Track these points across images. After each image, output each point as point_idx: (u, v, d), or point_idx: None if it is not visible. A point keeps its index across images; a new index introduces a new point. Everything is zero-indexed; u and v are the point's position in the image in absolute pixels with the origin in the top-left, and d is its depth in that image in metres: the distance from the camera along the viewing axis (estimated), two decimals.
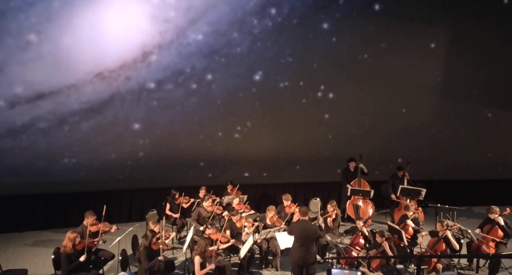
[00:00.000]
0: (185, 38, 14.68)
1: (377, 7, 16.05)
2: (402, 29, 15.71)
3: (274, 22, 15.17)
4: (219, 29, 14.83)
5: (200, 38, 14.73)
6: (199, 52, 14.71)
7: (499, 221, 7.26)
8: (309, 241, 6.21)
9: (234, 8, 15.17)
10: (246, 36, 15.15)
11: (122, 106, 14.01)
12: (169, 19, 14.35)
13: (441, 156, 13.15)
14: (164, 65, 14.46)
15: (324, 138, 13.87)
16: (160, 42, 14.33)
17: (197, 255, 6.33)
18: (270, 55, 15.08)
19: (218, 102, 15.06)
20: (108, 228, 7.22)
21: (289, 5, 15.85)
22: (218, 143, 14.12)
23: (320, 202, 9.86)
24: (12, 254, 7.62)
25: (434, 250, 6.77)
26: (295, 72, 15.35)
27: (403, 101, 13.84)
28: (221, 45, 14.89)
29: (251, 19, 15.06)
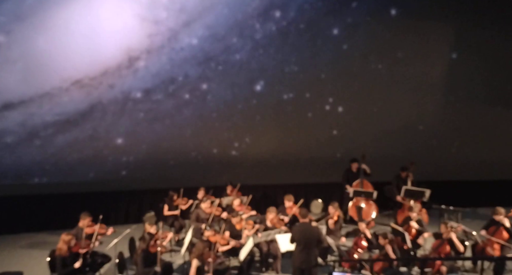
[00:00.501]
0: (177, 42, 13.35)
1: (393, 12, 14.80)
2: (421, 37, 14.53)
3: (278, 27, 14.02)
4: (217, 33, 13.59)
5: (195, 42, 13.49)
6: (193, 58, 13.50)
7: (505, 222, 7.11)
8: (311, 244, 6.11)
9: (233, 10, 13.93)
10: (247, 42, 13.95)
11: (103, 118, 12.63)
12: (160, 20, 13.06)
13: (445, 157, 12.70)
14: (153, 72, 13.15)
15: (325, 138, 13.34)
16: (149, 46, 13.02)
17: (194, 258, 6.18)
18: (273, 63, 13.99)
19: (214, 115, 13.83)
20: (104, 230, 7.14)
21: (296, 8, 14.57)
22: (212, 161, 13.04)
23: (322, 203, 9.55)
24: (7, 256, 7.65)
25: (438, 252, 6.64)
26: (301, 83, 14.22)
27: (407, 101, 13.33)
28: (219, 51, 13.69)
29: (253, 23, 13.89)
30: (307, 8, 14.12)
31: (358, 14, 14.42)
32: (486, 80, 13.03)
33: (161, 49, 13.04)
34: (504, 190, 11.87)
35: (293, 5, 14.11)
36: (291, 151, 13.27)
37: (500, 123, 12.89)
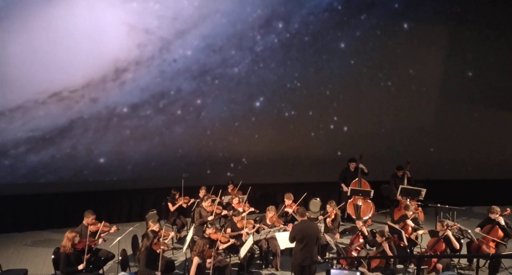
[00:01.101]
0: (170, 53, 12.24)
1: (406, 26, 13.96)
2: (436, 53, 13.78)
3: (280, 39, 13.10)
4: (213, 44, 12.62)
5: (189, 54, 12.41)
6: (187, 71, 12.41)
7: (500, 221, 7.13)
8: (311, 241, 6.09)
9: (232, 19, 12.90)
10: (246, 54, 12.98)
11: (84, 135, 11.44)
12: (151, 29, 11.97)
13: (441, 156, 12.34)
14: (141, 85, 12.01)
15: (324, 138, 12.75)
16: (138, 57, 11.88)
17: (195, 255, 6.21)
18: (274, 78, 13.09)
19: (208, 132, 12.80)
20: (107, 228, 7.06)
21: (300, 19, 13.64)
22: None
23: (320, 202, 9.74)
24: (12, 254, 7.66)
25: (434, 250, 6.70)
26: (304, 100, 13.32)
27: (404, 101, 12.89)
28: (215, 63, 12.65)
29: (253, 34, 12.91)
30: (312, 19, 13.29)
31: (367, 27, 13.61)
32: (481, 82, 12.68)
33: (151, 60, 11.92)
34: (499, 189, 11.57)
35: (297, 16, 13.22)
36: (291, 151, 12.73)
37: (496, 123, 12.46)
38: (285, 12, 12.89)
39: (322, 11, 13.32)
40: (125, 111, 11.79)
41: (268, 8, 12.65)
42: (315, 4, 13.47)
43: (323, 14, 13.18)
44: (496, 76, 12.53)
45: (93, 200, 9.28)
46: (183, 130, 12.39)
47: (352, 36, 13.36)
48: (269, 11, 12.73)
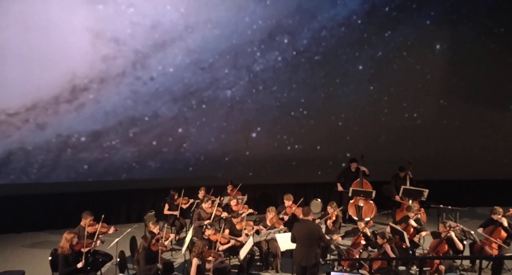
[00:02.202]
0: (146, 69, 10.03)
1: (438, 47, 12.07)
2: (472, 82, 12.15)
3: (285, 57, 11.18)
4: (202, 61, 10.55)
5: (171, 71, 10.25)
6: (167, 92, 10.28)
7: (503, 222, 6.76)
8: (312, 241, 5.79)
9: (227, 31, 10.85)
10: (243, 74, 10.95)
11: (26, 171, 9.20)
12: (123, 38, 9.80)
13: (443, 157, 11.47)
14: (106, 108, 9.82)
15: (324, 138, 11.44)
16: (103, 73, 9.64)
17: (195, 256, 5.90)
18: (275, 103, 11.28)
19: (191, 169, 10.74)
20: (106, 229, 6.71)
21: (310, 34, 11.57)
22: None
23: (321, 203, 9.12)
24: (10, 255, 7.27)
25: (437, 251, 6.40)
26: (311, 132, 11.54)
27: (405, 101, 11.75)
28: (204, 84, 10.61)
29: (252, 50, 10.96)
30: (325, 35, 11.36)
31: (391, 47, 11.78)
32: (483, 82, 11.68)
33: (121, 77, 9.73)
34: (502, 189, 10.96)
35: (306, 30, 11.29)
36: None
37: (499, 124, 11.65)
38: (292, 25, 11.03)
39: (338, 25, 11.46)
40: (83, 140, 9.63)
41: (272, 19, 10.83)
42: (329, 17, 11.59)
43: (338, 29, 11.32)
44: (497, 76, 11.55)
45: (91, 201, 8.65)
46: (159, 166, 10.38)
47: (372, 57, 11.56)
48: (273, 22, 10.88)
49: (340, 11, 11.58)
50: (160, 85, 10.15)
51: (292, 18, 10.86)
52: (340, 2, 11.55)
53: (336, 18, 11.27)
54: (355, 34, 11.37)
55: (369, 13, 11.58)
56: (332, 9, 11.53)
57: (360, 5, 11.59)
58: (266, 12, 10.69)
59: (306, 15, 11.03)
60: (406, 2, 11.67)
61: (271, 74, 11.02)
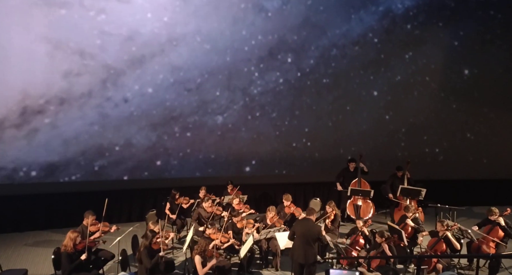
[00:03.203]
0: (118, 89, 8.51)
1: (467, 72, 10.66)
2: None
3: (288, 78, 9.79)
4: (188, 80, 9.07)
5: (149, 92, 8.78)
6: (144, 117, 8.88)
7: (500, 221, 6.76)
8: (311, 240, 5.82)
9: (219, 45, 9.33)
10: (237, 97, 9.55)
11: None
12: (90, 51, 8.27)
13: (441, 156, 10.60)
14: (67, 136, 8.31)
15: (324, 138, 10.14)
16: (64, 92, 8.09)
17: (197, 254, 5.92)
18: (275, 132, 9.94)
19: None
20: (107, 228, 6.68)
21: (318, 53, 10.03)
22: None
23: (320, 202, 8.76)
24: (12, 254, 7.22)
25: (434, 250, 6.49)
26: (316, 166, 10.31)
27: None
28: (189, 108, 9.21)
29: (249, 69, 9.50)
30: (335, 54, 10.03)
31: (413, 70, 10.36)
32: (483, 82, 10.72)
33: (86, 98, 8.23)
34: (498, 189, 10.68)
35: (313, 49, 9.92)
36: (292, 151, 10.37)
37: (497, 123, 10.98)
38: (297, 41, 9.76)
39: (351, 43, 10.16)
40: (34, 175, 8.17)
41: (273, 34, 9.55)
42: (341, 33, 10.53)
43: (351, 48, 10.02)
44: (498, 76, 10.66)
45: (93, 200, 8.11)
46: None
47: (390, 80, 10.28)
48: (274, 38, 9.58)
49: (354, 27, 10.18)
50: (136, 108, 8.74)
51: (297, 33, 9.64)
52: (355, 17, 9.93)
53: (349, 35, 10.01)
54: (370, 54, 10.11)
55: (388, 30, 10.32)
56: (344, 24, 10.11)
57: (378, 21, 10.02)
58: (267, 25, 9.44)
59: (314, 31, 9.79)
60: (432, 19, 10.21)
61: (270, 98, 9.77)
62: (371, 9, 9.91)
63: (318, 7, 9.68)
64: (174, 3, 8.65)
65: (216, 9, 9.00)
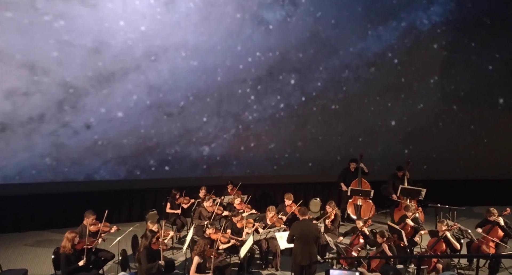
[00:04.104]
0: (79, 112, 6.97)
1: (501, 101, 9.27)
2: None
3: (290, 103, 8.34)
4: (169, 103, 7.55)
5: (120, 116, 7.16)
6: (111, 147, 7.27)
7: (500, 221, 6.57)
8: (311, 241, 5.66)
9: (209, 62, 7.74)
10: (228, 124, 8.10)
11: None
12: (43, 65, 6.52)
13: (442, 156, 9.84)
14: (10, 170, 6.87)
15: (324, 138, 9.20)
16: (6, 116, 6.42)
17: (196, 255, 5.65)
18: (272, 167, 8.73)
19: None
20: (108, 228, 6.35)
21: (327, 74, 8.57)
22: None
23: (320, 202, 8.75)
24: (12, 254, 7.06)
25: (434, 250, 6.31)
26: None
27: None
28: (170, 136, 7.71)
29: (244, 91, 8.00)
30: (347, 77, 8.61)
31: (438, 97, 9.07)
32: (483, 82, 9.49)
33: (36, 123, 6.63)
34: (499, 189, 9.79)
35: (322, 69, 8.41)
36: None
37: (496, 124, 9.81)
38: (303, 60, 8.31)
39: (366, 64, 8.67)
40: None
41: (275, 51, 8.08)
42: (355, 52, 10.27)
43: (366, 70, 8.55)
44: (499, 76, 9.71)
45: (93, 200, 7.66)
46: None
47: (411, 108, 8.94)
48: (276, 55, 8.10)
49: (371, 45, 8.65)
50: (101, 136, 7.20)
51: (303, 51, 8.27)
52: (372, 33, 8.30)
53: (364, 55, 8.68)
54: (389, 78, 8.72)
55: (410, 50, 8.88)
56: (359, 41, 8.54)
57: (399, 39, 8.39)
58: (268, 39, 8.03)
59: (323, 48, 8.39)
60: (463, 38, 8.70)
61: (268, 126, 8.40)
62: (391, 25, 8.34)
63: (328, 20, 8.11)
64: (154, 9, 7.02)
65: (206, 19, 7.41)
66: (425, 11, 8.40)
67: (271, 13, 7.95)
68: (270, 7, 7.93)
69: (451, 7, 8.47)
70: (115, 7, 6.79)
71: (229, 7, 7.69)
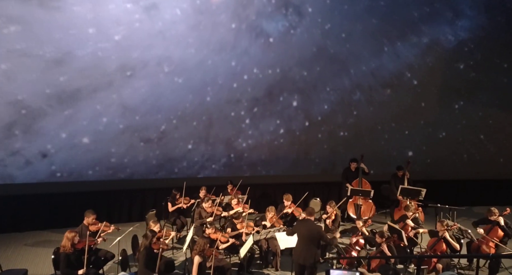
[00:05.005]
0: (32, 137, 5.93)
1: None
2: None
3: (291, 128, 7.38)
4: (147, 127, 6.52)
5: (85, 143, 6.24)
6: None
7: (500, 221, 6.33)
8: (311, 241, 5.41)
9: (196, 79, 6.74)
10: (219, 153, 7.18)
11: None
12: None
13: (442, 156, 9.14)
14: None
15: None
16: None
17: (196, 254, 5.45)
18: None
19: None
20: (108, 228, 6.12)
21: (336, 96, 7.59)
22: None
23: (320, 202, 8.33)
24: (12, 254, 6.88)
25: (434, 250, 6.13)
26: None
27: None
28: (148, 166, 6.95)
29: (238, 114, 7.04)
30: (359, 99, 7.56)
31: (464, 124, 7.97)
32: (483, 82, 8.57)
33: None
34: (499, 189, 9.33)
35: (329, 90, 7.32)
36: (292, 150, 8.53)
37: (497, 124, 9.03)
38: (308, 79, 7.14)
39: (381, 85, 7.53)
40: None
41: (275, 68, 6.93)
42: (368, 71, 9.31)
43: (381, 92, 7.47)
44: (498, 77, 8.89)
45: (93, 200, 7.50)
46: None
47: (431, 136, 7.98)
48: (276, 73, 6.95)
49: (387, 63, 7.65)
50: (61, 166, 6.20)
51: (308, 68, 7.15)
52: (389, 50, 7.17)
53: (379, 74, 7.54)
54: (406, 101, 7.61)
55: (432, 70, 8.04)
56: (374, 59, 7.43)
57: (420, 57, 7.28)
58: (267, 54, 6.91)
59: (332, 65, 7.23)
60: (493, 57, 7.86)
61: (265, 155, 7.50)
62: (411, 41, 7.14)
63: (339, 33, 6.89)
64: (131, 16, 5.80)
65: (195, 29, 6.22)
66: (450, 26, 7.19)
67: (272, 23, 6.80)
68: (271, 16, 6.74)
69: (481, 22, 7.25)
70: (84, 12, 5.58)
71: (222, 16, 6.49)
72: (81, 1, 5.62)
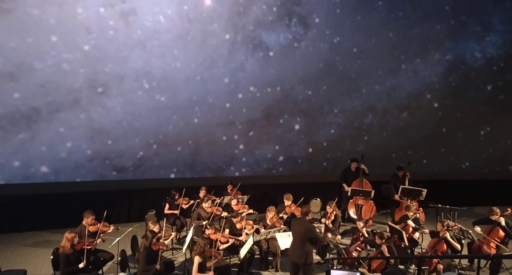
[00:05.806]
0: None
1: None
2: None
3: (291, 155, 6.76)
4: (122, 153, 5.84)
5: (39, 175, 5.94)
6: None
7: (501, 221, 5.98)
8: (303, 240, 5.09)
9: (181, 98, 6.12)
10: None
11: None
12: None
13: (442, 157, 8.66)
14: None
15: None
16: None
17: (196, 255, 5.05)
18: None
19: None
20: (107, 228, 5.93)
21: (345, 119, 7.10)
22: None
23: (321, 202, 8.13)
24: (11, 254, 6.65)
25: (435, 250, 5.86)
26: None
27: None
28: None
29: (231, 138, 6.32)
30: (372, 122, 6.82)
31: (489, 153, 7.14)
32: (483, 82, 7.96)
33: None
34: (500, 189, 8.76)
35: (338, 111, 6.54)
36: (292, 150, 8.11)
37: (497, 124, 8.40)
38: (312, 99, 6.48)
39: (397, 107, 7.13)
40: None
41: (275, 86, 6.11)
42: (383, 91, 8.37)
43: (396, 115, 6.92)
44: (498, 77, 8.22)
45: (92, 200, 7.12)
46: None
47: (453, 167, 7.31)
48: (277, 91, 6.18)
49: (404, 82, 6.83)
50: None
51: (313, 87, 6.26)
52: (406, 67, 6.28)
53: (395, 95, 6.75)
54: (425, 126, 6.88)
55: (456, 91, 7.38)
56: (390, 77, 6.49)
57: (442, 76, 6.65)
58: (266, 70, 6.00)
59: (341, 84, 6.32)
60: None
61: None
62: (432, 57, 6.18)
63: (349, 48, 5.93)
64: (105, 22, 4.82)
65: (181, 39, 5.25)
66: (478, 41, 6.27)
67: (272, 35, 5.88)
68: (272, 27, 5.79)
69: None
70: (45, 16, 4.62)
71: (215, 25, 5.54)
72: (42, 3, 4.60)
